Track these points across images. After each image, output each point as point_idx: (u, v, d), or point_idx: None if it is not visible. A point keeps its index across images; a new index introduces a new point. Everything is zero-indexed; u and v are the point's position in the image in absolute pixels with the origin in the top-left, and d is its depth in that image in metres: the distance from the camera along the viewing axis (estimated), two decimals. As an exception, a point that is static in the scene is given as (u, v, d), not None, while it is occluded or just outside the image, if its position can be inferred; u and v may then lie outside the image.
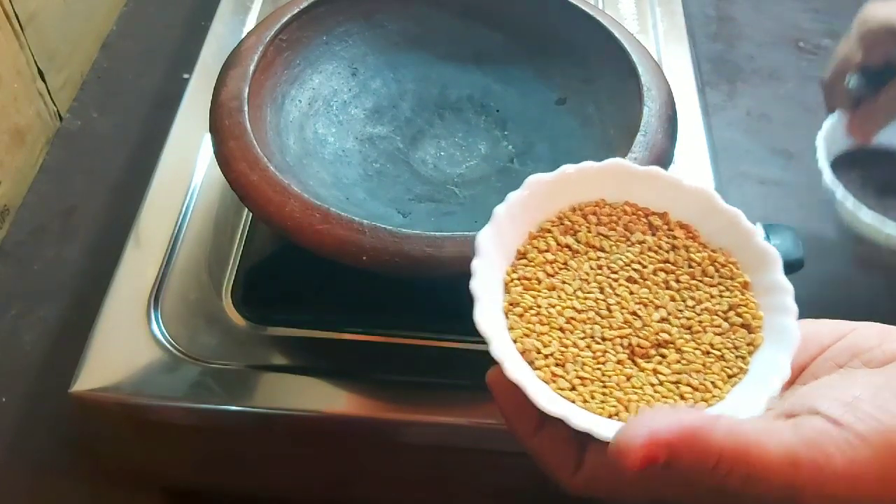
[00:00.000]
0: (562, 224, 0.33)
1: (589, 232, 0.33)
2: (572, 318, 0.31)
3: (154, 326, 0.43)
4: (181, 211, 0.48)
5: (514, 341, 0.30)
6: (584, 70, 0.49)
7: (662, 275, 0.32)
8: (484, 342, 0.34)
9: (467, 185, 0.48)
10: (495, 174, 0.48)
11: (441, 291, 0.43)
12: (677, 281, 0.32)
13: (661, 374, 0.30)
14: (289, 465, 0.46)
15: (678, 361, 0.30)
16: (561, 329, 0.30)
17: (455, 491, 0.48)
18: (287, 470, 0.47)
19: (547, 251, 0.32)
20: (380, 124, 0.49)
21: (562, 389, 0.29)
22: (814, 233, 0.63)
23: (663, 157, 0.42)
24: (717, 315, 0.31)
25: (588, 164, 0.33)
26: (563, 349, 0.30)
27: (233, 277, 0.45)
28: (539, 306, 0.31)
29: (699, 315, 0.31)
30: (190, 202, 0.48)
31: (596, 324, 0.31)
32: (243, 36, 0.47)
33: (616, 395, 0.29)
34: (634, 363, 0.30)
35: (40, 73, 0.63)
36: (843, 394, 0.26)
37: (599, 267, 0.32)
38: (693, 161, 0.50)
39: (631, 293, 0.31)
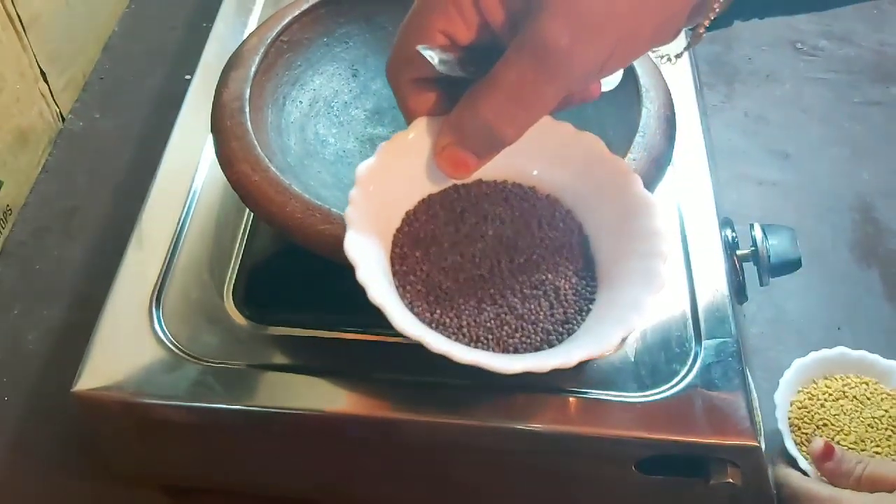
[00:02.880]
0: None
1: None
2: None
3: (156, 326, 0.43)
4: (183, 211, 0.48)
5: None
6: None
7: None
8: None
9: (467, 186, 0.48)
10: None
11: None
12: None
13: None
14: (289, 465, 0.47)
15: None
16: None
17: (455, 491, 0.48)
18: (287, 469, 0.47)
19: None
20: (380, 125, 0.49)
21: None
22: (812, 233, 0.63)
23: (661, 159, 0.42)
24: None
25: None
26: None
27: (234, 277, 0.46)
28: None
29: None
30: (192, 202, 0.48)
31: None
32: (245, 37, 0.47)
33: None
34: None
35: (43, 74, 0.63)
36: None
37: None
38: (691, 162, 0.50)
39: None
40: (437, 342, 0.31)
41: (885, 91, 0.74)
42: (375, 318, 0.44)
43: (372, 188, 0.33)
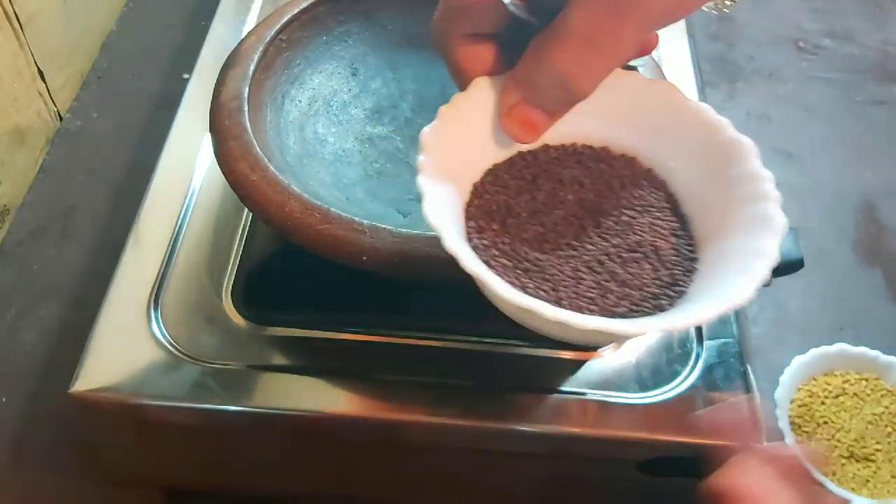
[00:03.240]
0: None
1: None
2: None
3: (154, 326, 0.43)
4: (181, 211, 0.48)
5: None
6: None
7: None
8: (491, 342, 0.34)
9: (467, 185, 0.48)
10: (495, 174, 0.48)
11: (441, 291, 0.43)
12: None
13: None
14: (289, 465, 0.46)
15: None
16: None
17: (454, 491, 0.48)
18: (287, 470, 0.47)
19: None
20: (380, 124, 0.49)
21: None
22: (815, 233, 0.63)
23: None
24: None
25: None
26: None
27: (233, 277, 0.45)
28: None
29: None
30: (190, 202, 0.48)
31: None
32: (243, 36, 0.47)
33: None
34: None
35: (40, 73, 0.63)
36: None
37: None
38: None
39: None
40: (552, 309, 0.27)
41: (888, 90, 0.74)
42: (374, 319, 0.44)
43: (438, 156, 0.30)
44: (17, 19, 0.59)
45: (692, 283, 0.31)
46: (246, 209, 0.45)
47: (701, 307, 0.28)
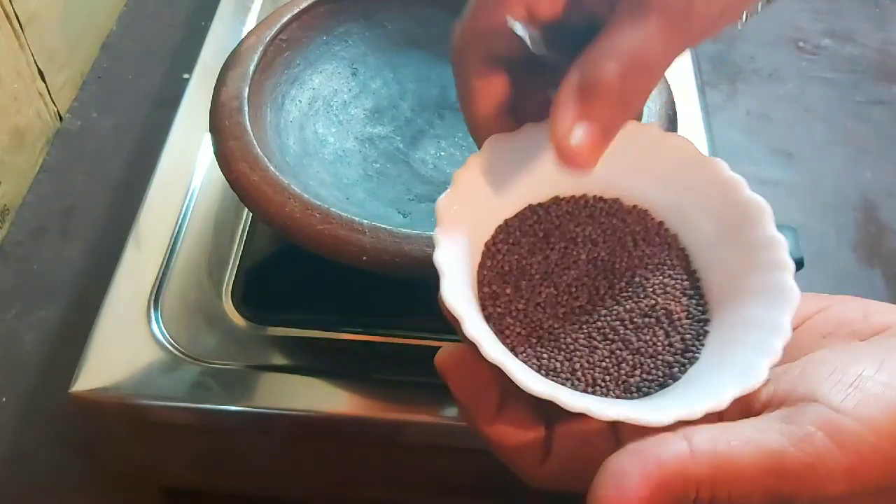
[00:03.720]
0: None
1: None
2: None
3: (154, 326, 0.43)
4: (181, 211, 0.48)
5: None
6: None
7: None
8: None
9: (467, 185, 0.48)
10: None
11: (441, 291, 0.43)
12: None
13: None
14: (289, 465, 0.46)
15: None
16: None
17: (455, 491, 0.48)
18: (287, 470, 0.47)
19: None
20: (380, 124, 0.49)
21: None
22: (815, 233, 0.63)
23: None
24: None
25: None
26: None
27: (233, 277, 0.45)
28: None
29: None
30: (190, 202, 0.48)
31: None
32: (243, 36, 0.47)
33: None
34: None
35: (40, 73, 0.63)
36: (844, 374, 0.24)
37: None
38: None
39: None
40: (573, 398, 0.26)
41: (888, 90, 0.74)
42: (374, 319, 0.44)
43: (454, 223, 0.29)
44: (17, 19, 0.59)
45: (703, 348, 0.30)
46: (246, 209, 0.45)
47: (717, 390, 0.27)
